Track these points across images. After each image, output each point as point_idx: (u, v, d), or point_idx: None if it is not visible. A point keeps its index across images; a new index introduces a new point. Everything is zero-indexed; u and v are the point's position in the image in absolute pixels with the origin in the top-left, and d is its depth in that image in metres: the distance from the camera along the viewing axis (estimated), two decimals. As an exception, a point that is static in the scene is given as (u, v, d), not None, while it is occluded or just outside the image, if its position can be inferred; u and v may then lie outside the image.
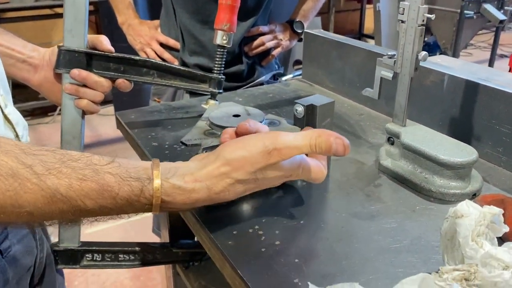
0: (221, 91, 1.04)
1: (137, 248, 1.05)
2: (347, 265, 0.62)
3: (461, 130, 0.94)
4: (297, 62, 4.37)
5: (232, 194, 0.62)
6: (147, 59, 0.97)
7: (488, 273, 0.51)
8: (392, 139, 0.89)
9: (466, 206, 0.59)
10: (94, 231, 2.56)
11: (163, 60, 1.56)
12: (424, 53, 0.82)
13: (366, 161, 0.91)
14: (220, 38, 1.02)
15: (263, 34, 1.57)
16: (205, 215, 0.73)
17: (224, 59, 1.04)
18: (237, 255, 0.64)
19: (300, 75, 4.02)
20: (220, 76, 1.03)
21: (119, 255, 1.04)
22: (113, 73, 0.91)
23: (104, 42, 0.91)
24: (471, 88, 0.91)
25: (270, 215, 0.73)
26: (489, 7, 4.64)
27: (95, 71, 0.90)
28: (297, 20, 1.66)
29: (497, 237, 0.57)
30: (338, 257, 0.64)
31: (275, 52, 1.65)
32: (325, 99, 0.82)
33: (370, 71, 1.14)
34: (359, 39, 4.95)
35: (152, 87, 1.66)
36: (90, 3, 0.95)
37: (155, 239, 1.78)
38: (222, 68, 1.04)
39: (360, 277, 0.60)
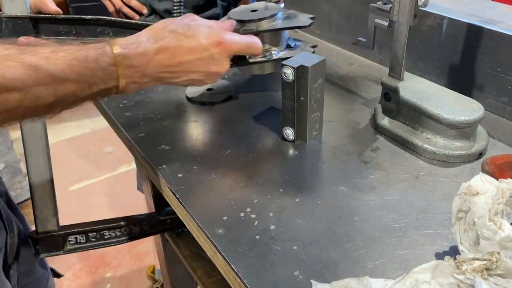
0: None
1: (122, 223, 0.99)
2: (350, 249, 0.57)
3: (461, 79, 0.87)
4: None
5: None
6: (100, 17, 0.86)
7: (510, 258, 0.46)
8: (388, 94, 0.81)
9: (481, 182, 0.53)
10: (80, 187, 2.54)
11: (131, 8, 1.44)
12: (424, -2, 0.72)
13: (361, 120, 0.84)
14: None
15: None
16: (191, 198, 0.66)
17: (182, 8, 0.94)
18: (229, 246, 0.58)
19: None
20: None
21: (105, 233, 0.97)
22: (64, 37, 0.81)
23: (49, 4, 0.80)
24: (474, 33, 0.82)
25: (262, 194, 0.66)
26: None
27: (44, 37, 0.79)
28: None
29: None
30: (340, 240, 0.58)
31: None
32: (315, 57, 0.73)
33: (360, 15, 1.04)
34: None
35: None
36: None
37: (140, 196, 1.73)
38: (181, 13, 0.94)
39: (365, 263, 0.55)
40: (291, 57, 0.76)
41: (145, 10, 1.44)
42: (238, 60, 0.75)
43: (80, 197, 2.45)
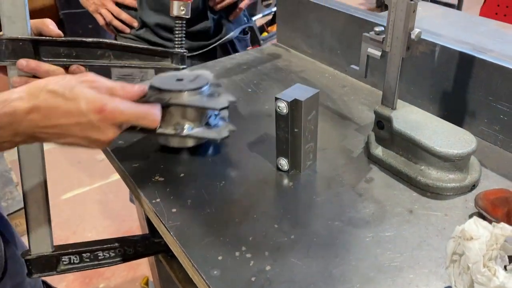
0: (185, 66, 0.94)
1: (116, 244, 0.98)
2: (346, 291, 0.57)
3: (454, 106, 0.87)
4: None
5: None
6: (101, 40, 0.85)
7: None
8: (381, 123, 0.82)
9: (475, 226, 0.53)
10: (72, 195, 2.52)
11: (121, 21, 1.43)
12: (417, 31, 0.73)
13: (355, 147, 0.84)
14: (177, 9, 0.90)
15: None
16: (186, 235, 0.66)
17: (184, 31, 0.93)
18: (225, 289, 0.58)
19: (270, 13, 3.79)
20: (182, 50, 0.92)
21: (98, 254, 0.97)
22: (65, 59, 0.80)
23: (51, 26, 0.79)
24: (466, 61, 0.83)
25: (257, 230, 0.66)
26: None
27: (44, 59, 0.78)
28: None
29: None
30: (336, 281, 0.58)
31: (243, 5, 1.51)
32: (309, 90, 0.73)
33: (352, 37, 1.04)
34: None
35: (113, 76, 1.52)
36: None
37: (132, 208, 1.73)
38: (184, 41, 0.93)
39: (361, 307, 0.55)
40: (203, 138, 0.75)
41: (135, 24, 1.43)
42: (142, 128, 0.71)
43: (73, 205, 2.43)
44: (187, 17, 0.90)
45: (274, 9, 4.15)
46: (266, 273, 0.60)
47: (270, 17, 4.13)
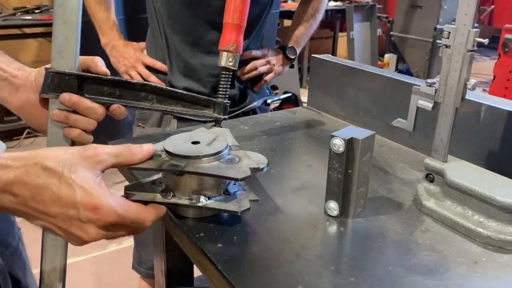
0: (226, 117, 0.93)
1: None
2: (420, 338, 0.51)
3: (502, 167, 0.85)
4: (273, 88, 4.30)
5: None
6: (146, 82, 0.85)
7: None
8: (431, 175, 0.79)
9: None
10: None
11: (148, 83, 1.46)
12: (473, 81, 0.73)
13: (402, 200, 0.81)
14: (225, 60, 0.92)
15: (255, 58, 1.49)
16: (234, 270, 0.60)
17: (229, 82, 0.93)
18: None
19: (280, 99, 3.92)
20: (225, 101, 0.92)
21: None
22: (107, 98, 0.79)
23: (99, 64, 0.79)
24: (514, 120, 0.83)
25: (312, 271, 0.61)
26: (460, 37, 4.76)
27: (86, 96, 0.77)
28: (290, 45, 1.59)
29: None
30: (408, 327, 0.52)
31: (268, 77, 1.56)
32: (365, 132, 0.72)
33: (389, 99, 1.05)
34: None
35: (137, 111, 1.53)
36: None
37: (135, 276, 1.61)
38: (227, 92, 0.93)
39: None
40: (220, 209, 0.68)
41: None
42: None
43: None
44: (234, 68, 0.92)
45: (282, 96, 4.30)
46: (330, 313, 0.54)
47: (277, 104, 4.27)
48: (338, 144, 0.70)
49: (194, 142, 0.72)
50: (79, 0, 0.74)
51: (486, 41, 0.71)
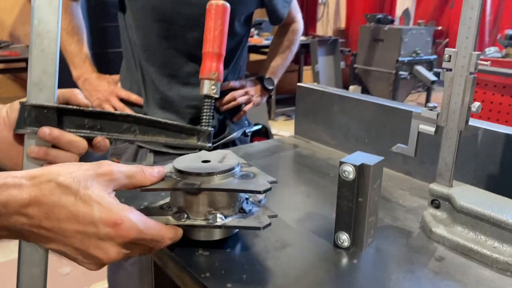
0: (210, 145, 0.89)
1: None
2: None
3: (502, 190, 0.84)
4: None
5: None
6: (128, 113, 0.80)
7: None
8: (437, 201, 0.77)
9: None
10: None
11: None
12: (478, 104, 0.73)
13: (410, 228, 0.78)
14: (208, 88, 0.89)
15: (234, 89, 1.47)
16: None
17: (212, 110, 0.90)
18: None
19: (254, 130, 3.93)
20: (210, 129, 0.89)
21: None
22: (88, 131, 0.74)
23: (79, 96, 0.74)
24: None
25: (335, 308, 0.56)
26: (421, 69, 4.96)
27: (67, 129, 0.72)
28: (267, 76, 1.58)
29: None
30: None
31: (246, 108, 1.54)
32: (373, 157, 0.70)
33: (381, 126, 1.04)
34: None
35: (111, 145, 1.46)
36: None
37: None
38: (211, 120, 0.90)
39: None
40: (241, 227, 0.65)
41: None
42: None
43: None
44: (216, 96, 0.89)
45: (253, 128, 4.29)
46: None
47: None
48: (348, 170, 0.67)
49: (204, 161, 0.70)
50: (58, 30, 0.69)
51: (488, 63, 0.71)
